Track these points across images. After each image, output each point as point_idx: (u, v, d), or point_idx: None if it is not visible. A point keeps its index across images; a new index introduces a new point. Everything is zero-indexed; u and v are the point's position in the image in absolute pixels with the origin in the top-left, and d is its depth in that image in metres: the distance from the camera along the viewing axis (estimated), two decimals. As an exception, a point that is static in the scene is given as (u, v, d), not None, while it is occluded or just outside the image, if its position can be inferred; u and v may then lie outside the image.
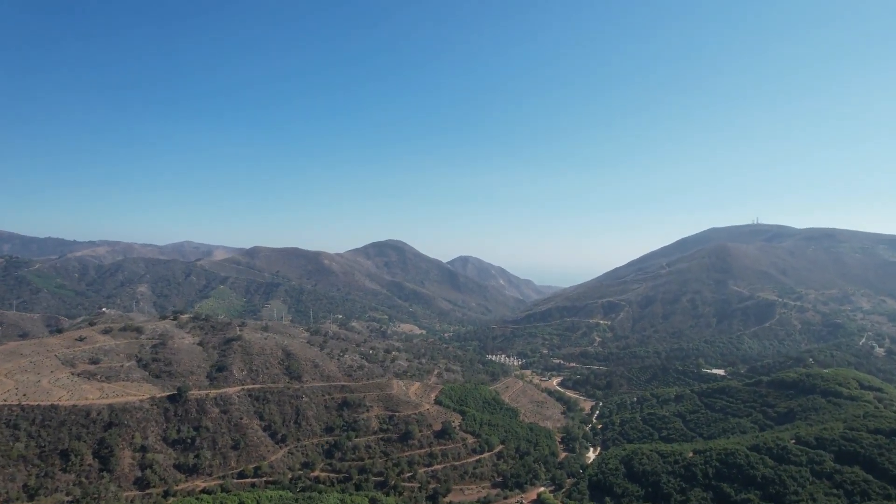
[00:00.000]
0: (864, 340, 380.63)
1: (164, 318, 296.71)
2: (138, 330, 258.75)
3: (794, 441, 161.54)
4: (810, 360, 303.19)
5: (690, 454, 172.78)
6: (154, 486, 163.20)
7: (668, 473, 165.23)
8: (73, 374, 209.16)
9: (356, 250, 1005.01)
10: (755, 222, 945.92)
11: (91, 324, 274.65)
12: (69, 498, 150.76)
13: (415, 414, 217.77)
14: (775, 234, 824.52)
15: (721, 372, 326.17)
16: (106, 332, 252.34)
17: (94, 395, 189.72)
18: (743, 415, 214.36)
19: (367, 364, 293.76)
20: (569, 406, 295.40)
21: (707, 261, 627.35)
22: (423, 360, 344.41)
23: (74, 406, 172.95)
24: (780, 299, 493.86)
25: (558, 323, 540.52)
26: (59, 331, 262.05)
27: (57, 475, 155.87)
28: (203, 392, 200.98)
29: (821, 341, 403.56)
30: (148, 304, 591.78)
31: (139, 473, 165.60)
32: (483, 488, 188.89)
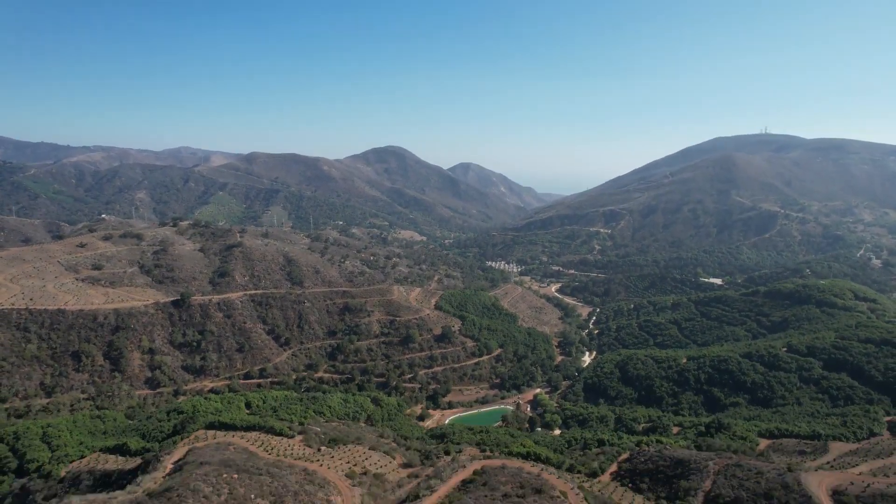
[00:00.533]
0: (861, 252, 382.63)
1: (163, 224, 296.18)
2: (138, 237, 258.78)
3: (785, 349, 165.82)
4: (807, 271, 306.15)
5: (684, 360, 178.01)
6: (164, 386, 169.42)
7: (661, 378, 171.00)
8: (77, 279, 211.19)
9: (356, 156, 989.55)
10: (764, 132, 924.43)
11: (91, 230, 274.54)
12: (85, 395, 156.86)
13: (415, 318, 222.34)
14: (783, 145, 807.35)
15: (718, 281, 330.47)
16: (106, 238, 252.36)
17: (99, 300, 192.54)
18: (738, 323, 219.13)
19: (367, 270, 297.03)
20: (566, 312, 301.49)
21: (711, 170, 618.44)
22: (424, 267, 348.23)
23: (81, 310, 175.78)
24: (783, 210, 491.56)
25: (558, 231, 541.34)
26: (60, 237, 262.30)
27: (71, 375, 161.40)
28: (206, 297, 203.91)
29: (819, 253, 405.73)
30: (147, 211, 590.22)
31: (149, 374, 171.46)
32: (481, 389, 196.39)
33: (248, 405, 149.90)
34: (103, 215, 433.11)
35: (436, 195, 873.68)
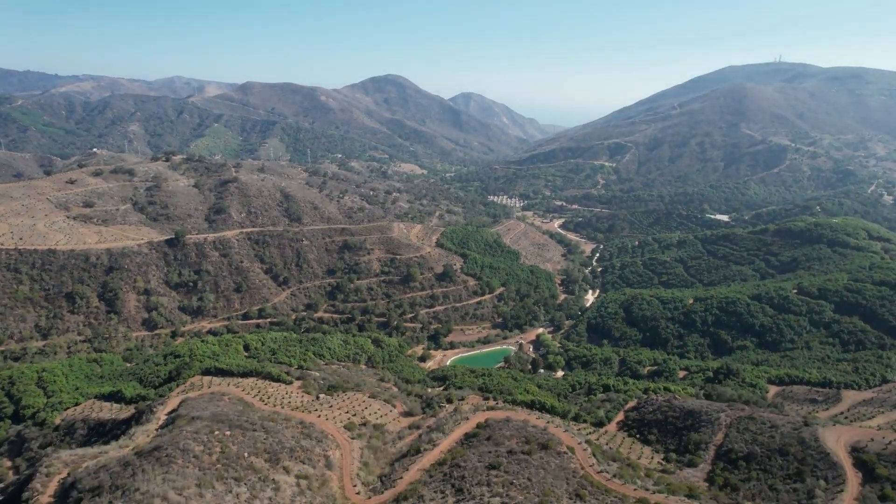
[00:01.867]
0: (873, 188, 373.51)
1: (156, 159, 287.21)
2: (130, 172, 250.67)
3: (795, 291, 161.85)
4: (817, 207, 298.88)
5: (691, 301, 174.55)
6: (161, 328, 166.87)
7: (667, 319, 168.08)
8: (68, 217, 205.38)
9: (354, 86, 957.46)
10: (777, 60, 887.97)
11: (81, 166, 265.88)
12: (81, 338, 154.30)
13: (416, 257, 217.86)
14: (798, 74, 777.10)
15: (725, 218, 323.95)
16: (97, 174, 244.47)
17: (92, 240, 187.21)
18: (745, 262, 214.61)
19: (367, 206, 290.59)
20: (570, 248, 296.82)
21: (720, 101, 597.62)
22: (425, 202, 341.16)
23: (73, 251, 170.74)
24: (793, 144, 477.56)
25: (562, 164, 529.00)
26: (48, 173, 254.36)
27: (66, 317, 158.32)
28: (201, 236, 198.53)
29: (829, 188, 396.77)
30: (141, 144, 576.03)
31: (146, 315, 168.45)
32: (483, 329, 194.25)
33: (246, 347, 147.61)
34: (95, 149, 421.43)
35: (437, 126, 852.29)
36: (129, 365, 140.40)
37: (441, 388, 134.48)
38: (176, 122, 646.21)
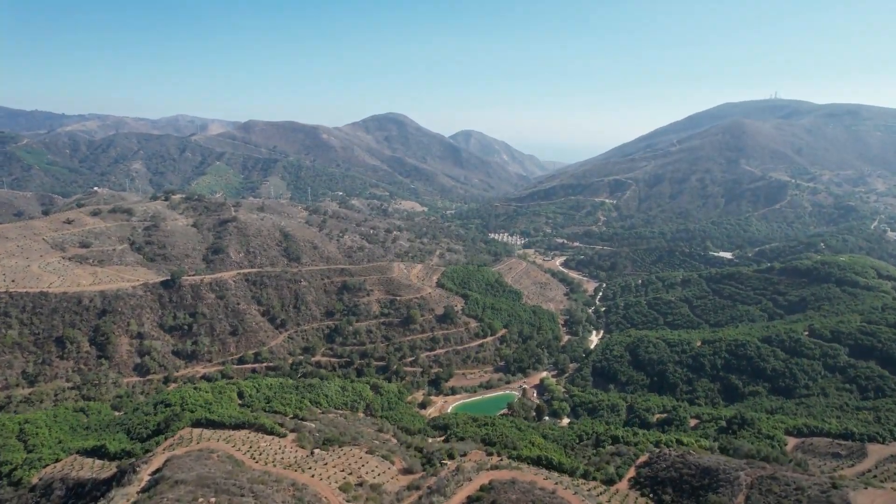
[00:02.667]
0: (875, 224, 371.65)
1: (155, 198, 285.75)
2: (129, 212, 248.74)
3: (807, 333, 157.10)
4: (822, 244, 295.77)
5: (699, 343, 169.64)
6: (154, 373, 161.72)
7: (674, 363, 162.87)
8: (63, 258, 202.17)
9: (355, 124, 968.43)
10: (773, 97, 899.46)
11: (80, 205, 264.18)
12: (69, 384, 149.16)
13: (416, 298, 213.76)
14: (794, 111, 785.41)
15: (728, 255, 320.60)
16: (95, 213, 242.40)
17: (87, 281, 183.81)
18: (752, 302, 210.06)
19: (367, 245, 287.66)
20: (572, 287, 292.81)
21: (719, 138, 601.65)
22: (425, 240, 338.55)
23: (65, 293, 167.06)
24: (793, 180, 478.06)
25: (562, 201, 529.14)
26: (47, 213, 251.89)
27: (55, 362, 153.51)
28: (198, 277, 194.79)
29: (831, 224, 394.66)
30: (143, 182, 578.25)
31: (138, 360, 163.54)
32: (485, 373, 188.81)
33: (240, 395, 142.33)
34: (96, 188, 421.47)
35: (437, 164, 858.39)
36: (117, 414, 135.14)
37: (442, 439, 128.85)
38: (178, 160, 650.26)
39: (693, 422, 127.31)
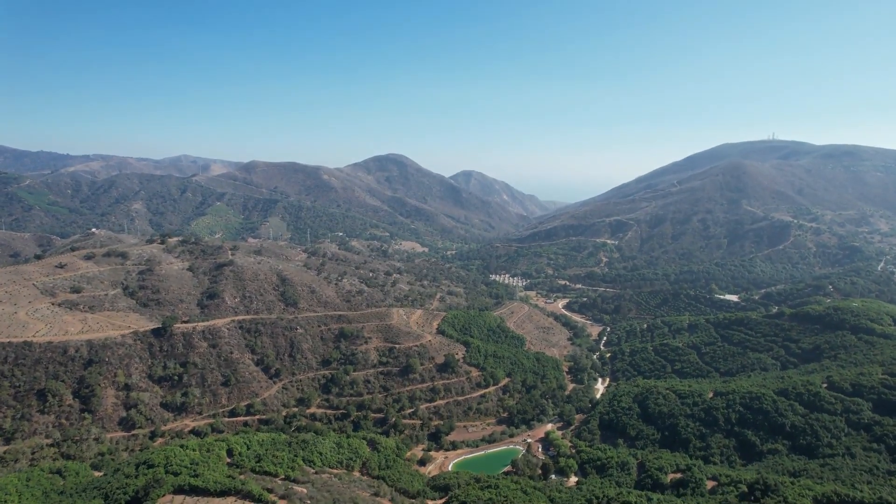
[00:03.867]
0: (882, 265, 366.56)
1: (151, 241, 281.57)
2: (123, 255, 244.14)
3: (825, 385, 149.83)
4: (830, 287, 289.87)
5: (710, 395, 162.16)
6: (140, 427, 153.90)
7: (686, 416, 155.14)
8: (53, 304, 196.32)
9: (356, 165, 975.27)
10: (771, 138, 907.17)
11: (73, 249, 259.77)
12: (49, 441, 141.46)
13: (416, 346, 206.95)
14: (792, 151, 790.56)
15: (734, 298, 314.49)
16: (88, 258, 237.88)
17: (76, 328, 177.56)
18: (763, 350, 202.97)
19: (366, 289, 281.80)
20: (576, 332, 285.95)
21: (720, 179, 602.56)
22: (425, 283, 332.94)
23: (50, 343, 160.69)
24: (795, 220, 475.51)
25: (564, 242, 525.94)
26: (39, 257, 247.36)
27: (34, 417, 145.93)
28: (190, 325, 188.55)
29: (836, 265, 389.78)
30: (143, 222, 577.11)
31: (123, 413, 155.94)
32: (488, 425, 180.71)
33: (229, 453, 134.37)
34: (93, 229, 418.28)
35: (438, 204, 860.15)
36: (97, 474, 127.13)
37: (443, 502, 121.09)
38: (179, 200, 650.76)
39: (710, 484, 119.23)
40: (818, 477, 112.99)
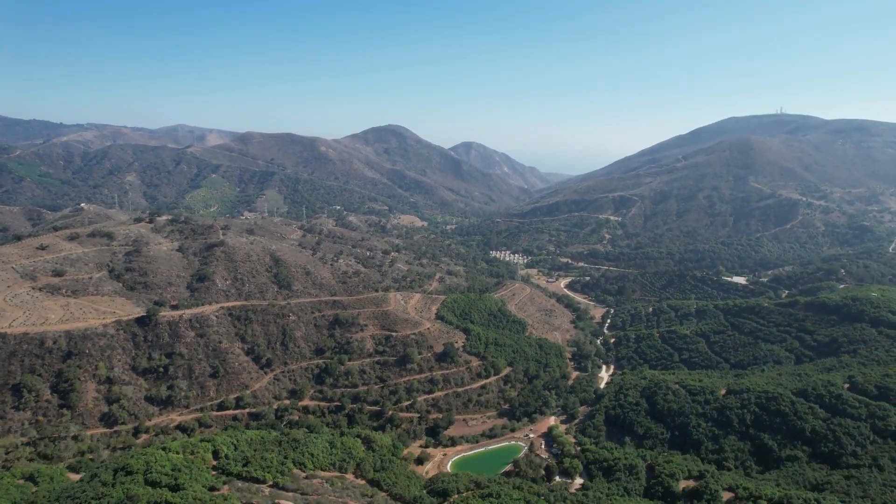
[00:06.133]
0: (893, 246, 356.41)
1: (139, 220, 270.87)
2: (109, 236, 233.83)
3: (848, 386, 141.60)
4: (842, 271, 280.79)
5: (723, 392, 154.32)
6: (123, 423, 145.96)
7: (697, 415, 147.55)
8: (34, 288, 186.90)
9: (354, 136, 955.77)
10: (779, 112, 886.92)
11: (56, 228, 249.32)
12: (24, 440, 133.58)
13: (414, 334, 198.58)
14: (800, 126, 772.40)
15: (742, 280, 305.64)
16: (72, 238, 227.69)
17: (56, 315, 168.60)
18: (776, 341, 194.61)
19: (363, 269, 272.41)
20: (579, 314, 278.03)
21: (727, 154, 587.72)
22: (424, 262, 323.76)
23: (26, 334, 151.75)
24: (804, 198, 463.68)
25: (566, 218, 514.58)
26: (19, 238, 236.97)
27: (9, 414, 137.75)
28: (176, 313, 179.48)
29: (846, 245, 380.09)
30: (137, 195, 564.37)
31: (105, 409, 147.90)
32: (488, 418, 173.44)
33: (215, 454, 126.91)
34: (83, 204, 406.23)
35: (437, 177, 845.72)
36: (74, 478, 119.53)
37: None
38: (173, 172, 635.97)
39: (727, 495, 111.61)
40: (844, 493, 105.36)
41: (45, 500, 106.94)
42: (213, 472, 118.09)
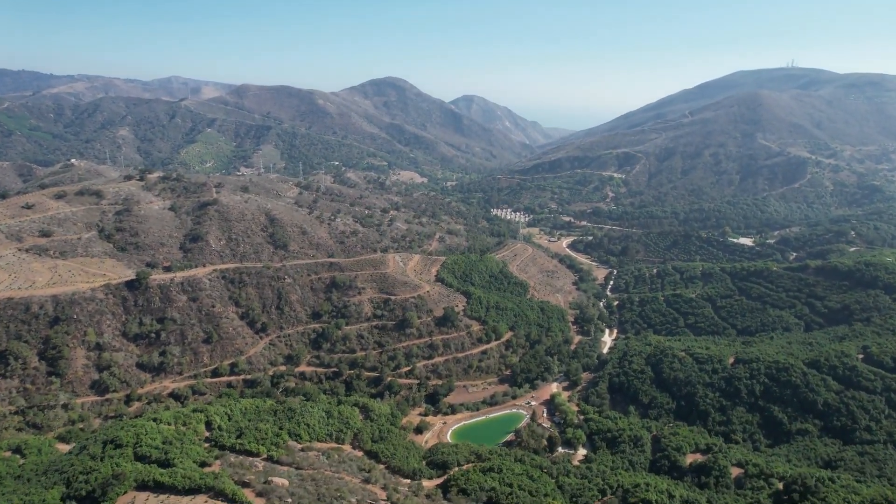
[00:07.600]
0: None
1: (129, 178, 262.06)
2: (98, 194, 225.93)
3: (862, 357, 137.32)
4: (852, 233, 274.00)
5: (731, 360, 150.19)
6: (114, 391, 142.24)
7: (704, 385, 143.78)
8: (20, 249, 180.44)
9: (353, 89, 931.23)
10: (790, 65, 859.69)
11: (42, 186, 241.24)
12: (12, 408, 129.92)
13: (413, 297, 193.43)
14: (812, 80, 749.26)
15: (749, 242, 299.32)
16: (59, 196, 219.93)
17: (44, 278, 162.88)
18: (785, 306, 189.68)
19: (361, 229, 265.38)
20: (581, 276, 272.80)
21: (735, 110, 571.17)
22: (424, 220, 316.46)
23: (10, 299, 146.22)
24: (813, 156, 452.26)
25: (568, 175, 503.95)
26: (3, 196, 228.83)
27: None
28: (168, 276, 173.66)
29: (855, 206, 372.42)
30: (130, 150, 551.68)
31: (95, 376, 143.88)
32: (489, 384, 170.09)
33: (208, 425, 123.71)
34: (73, 160, 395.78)
35: (437, 131, 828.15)
36: (63, 449, 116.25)
37: (439, 483, 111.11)
38: (168, 126, 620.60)
39: (736, 471, 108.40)
40: (858, 470, 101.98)
41: (32, 474, 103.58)
42: (206, 445, 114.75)
